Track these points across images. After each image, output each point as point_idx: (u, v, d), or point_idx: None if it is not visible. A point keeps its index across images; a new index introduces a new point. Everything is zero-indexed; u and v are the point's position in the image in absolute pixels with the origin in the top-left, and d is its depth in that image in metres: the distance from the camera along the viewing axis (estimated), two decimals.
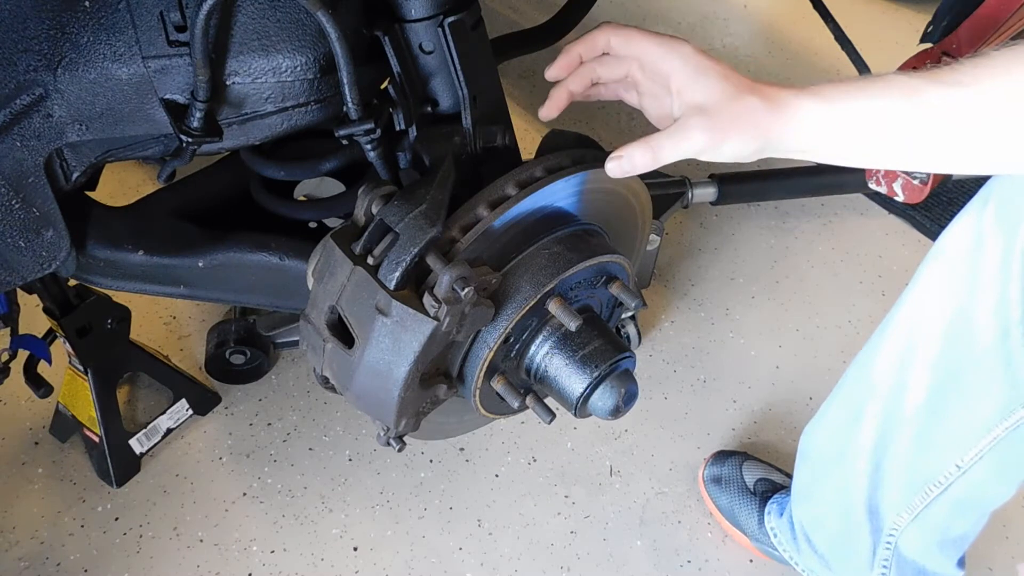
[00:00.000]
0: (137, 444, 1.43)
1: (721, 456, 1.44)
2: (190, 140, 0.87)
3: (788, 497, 1.29)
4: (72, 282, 1.25)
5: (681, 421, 1.56)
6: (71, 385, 1.40)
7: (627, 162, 0.81)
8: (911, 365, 0.98)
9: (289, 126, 0.92)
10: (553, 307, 0.93)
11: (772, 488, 1.37)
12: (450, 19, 0.93)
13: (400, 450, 1.01)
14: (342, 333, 0.91)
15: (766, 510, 1.34)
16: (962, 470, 0.97)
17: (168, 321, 1.67)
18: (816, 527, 1.22)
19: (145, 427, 1.44)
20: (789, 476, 1.34)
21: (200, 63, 0.81)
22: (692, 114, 0.77)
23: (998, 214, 0.86)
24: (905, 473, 1.04)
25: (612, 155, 0.82)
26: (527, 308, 0.92)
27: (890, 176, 1.64)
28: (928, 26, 1.46)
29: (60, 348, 1.34)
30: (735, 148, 0.77)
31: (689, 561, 1.38)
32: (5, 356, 1.24)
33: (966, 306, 0.90)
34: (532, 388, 1.02)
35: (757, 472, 1.40)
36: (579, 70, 0.89)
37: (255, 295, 1.14)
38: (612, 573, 1.36)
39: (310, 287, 0.95)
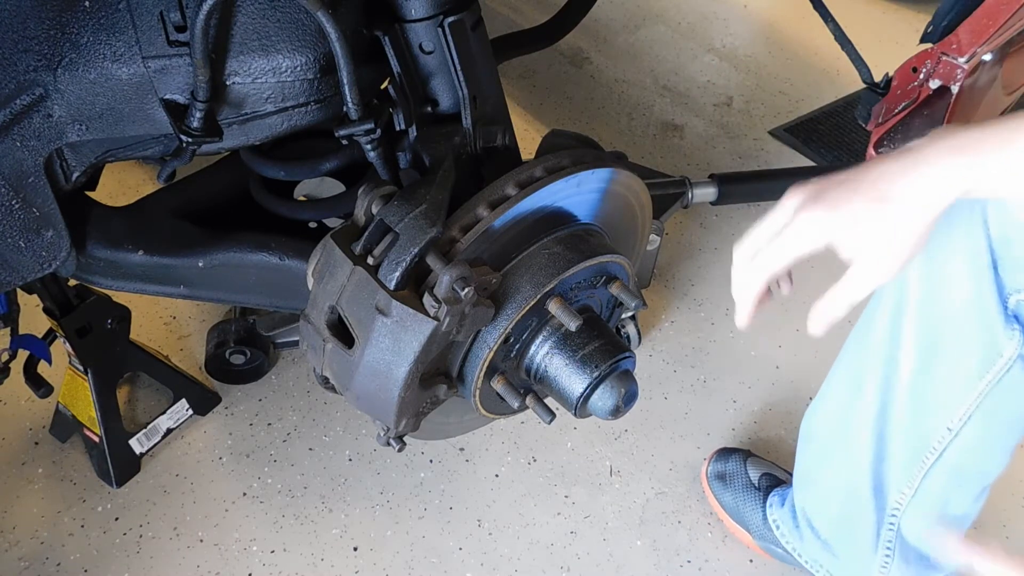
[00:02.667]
0: (137, 444, 1.43)
1: (724, 453, 1.44)
2: (190, 140, 0.87)
3: (789, 489, 1.29)
4: (72, 282, 1.25)
5: (681, 421, 1.56)
6: (71, 385, 1.40)
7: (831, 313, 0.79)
8: (901, 325, 0.99)
9: (289, 126, 0.93)
10: (553, 307, 0.93)
11: (776, 483, 1.37)
12: (450, 19, 0.93)
13: (400, 450, 1.01)
14: (342, 333, 0.91)
15: (768, 503, 1.33)
16: (953, 432, 0.99)
17: (168, 321, 1.67)
18: (818, 511, 1.22)
19: (145, 427, 1.44)
20: (791, 474, 1.34)
21: (200, 63, 0.81)
22: None
23: None
24: (905, 441, 1.05)
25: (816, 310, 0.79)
26: (527, 308, 0.92)
27: None
28: (928, 26, 1.46)
29: (60, 348, 1.34)
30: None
31: (689, 561, 1.38)
32: (5, 356, 1.24)
33: (942, 256, 0.91)
34: (532, 388, 1.02)
35: (761, 468, 1.40)
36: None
37: (255, 295, 1.14)
38: (612, 573, 1.36)
39: (310, 287, 0.95)
